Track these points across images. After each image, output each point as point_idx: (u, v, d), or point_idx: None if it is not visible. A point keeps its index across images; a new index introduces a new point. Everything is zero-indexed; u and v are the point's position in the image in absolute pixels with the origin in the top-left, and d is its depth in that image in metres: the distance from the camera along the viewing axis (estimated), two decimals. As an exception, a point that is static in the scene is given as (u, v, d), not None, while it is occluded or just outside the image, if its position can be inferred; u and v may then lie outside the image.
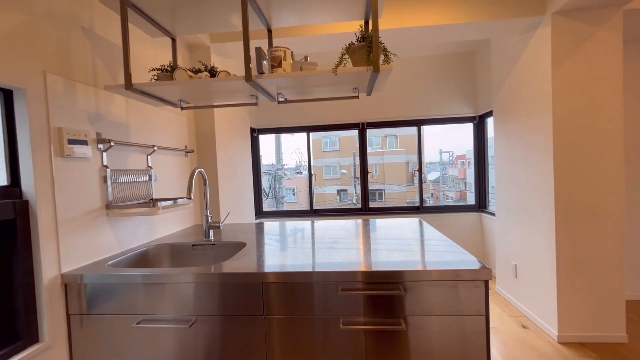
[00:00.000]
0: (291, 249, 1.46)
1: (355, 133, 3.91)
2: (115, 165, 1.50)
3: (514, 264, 2.76)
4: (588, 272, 2.19)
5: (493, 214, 3.34)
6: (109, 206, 1.44)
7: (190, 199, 1.47)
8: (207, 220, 1.70)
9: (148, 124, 1.76)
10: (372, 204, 3.89)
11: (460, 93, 3.71)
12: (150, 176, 1.73)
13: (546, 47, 2.20)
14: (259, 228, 2.00)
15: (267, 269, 1.17)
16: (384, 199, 8.90)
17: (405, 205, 3.93)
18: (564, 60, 2.15)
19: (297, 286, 1.14)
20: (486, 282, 1.09)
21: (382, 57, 1.25)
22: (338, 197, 9.49)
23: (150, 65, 1.78)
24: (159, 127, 1.87)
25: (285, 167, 7.89)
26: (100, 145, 1.40)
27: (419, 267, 1.12)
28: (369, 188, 3.91)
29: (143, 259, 1.56)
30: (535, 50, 2.33)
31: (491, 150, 3.54)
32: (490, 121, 3.57)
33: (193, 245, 1.66)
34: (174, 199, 1.68)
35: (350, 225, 1.96)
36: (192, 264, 1.65)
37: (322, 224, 2.05)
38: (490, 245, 3.51)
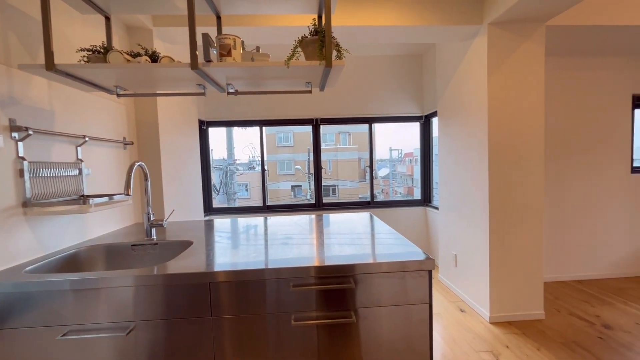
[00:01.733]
0: (242, 246, 1.41)
1: (309, 129, 3.92)
2: (36, 157, 1.31)
3: (454, 253, 2.99)
4: (514, 260, 2.45)
5: (437, 208, 3.59)
6: (27, 204, 1.25)
7: (128, 195, 1.35)
8: (149, 218, 1.57)
9: (78, 112, 1.57)
10: (325, 200, 3.94)
11: (408, 93, 3.90)
12: (80, 170, 1.55)
13: (483, 55, 2.40)
14: (208, 225, 1.90)
15: (215, 268, 1.11)
16: (337, 195, 9.08)
17: (358, 200, 4.04)
18: (498, 68, 2.36)
19: (248, 284, 1.11)
20: (430, 272, 1.16)
21: (334, 53, 1.25)
22: (292, 193, 9.47)
23: (79, 45, 1.58)
24: (92, 116, 1.67)
25: (238, 162, 7.63)
26: (15, 134, 1.21)
27: (369, 260, 1.15)
28: (323, 184, 3.95)
29: (72, 262, 1.40)
30: (474, 57, 2.53)
31: (436, 149, 3.79)
32: (435, 121, 3.81)
33: (132, 245, 1.52)
34: (110, 196, 1.53)
35: (304, 220, 1.96)
36: (131, 266, 1.51)
37: (275, 220, 2.02)
38: (434, 237, 3.77)
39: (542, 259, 2.46)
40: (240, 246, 1.41)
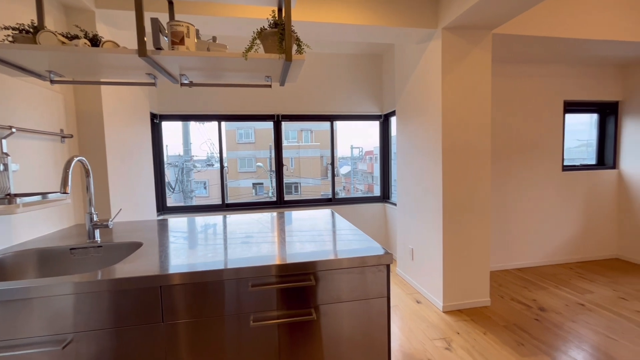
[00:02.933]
0: (199, 246, 1.34)
1: (270, 125, 3.85)
2: (-54, 150, 1.13)
3: (411, 248, 3.13)
4: (464, 252, 2.62)
5: (395, 204, 3.72)
6: None
7: (65, 193, 1.21)
8: (92, 219, 1.43)
9: (1, 99, 1.38)
10: (288, 197, 3.91)
11: (369, 92, 3.99)
12: (5, 165, 1.36)
13: (437, 58, 2.52)
14: (162, 225, 1.79)
15: (167, 270, 1.04)
16: (299, 192, 9.06)
17: (320, 197, 4.06)
18: (451, 71, 2.49)
19: (204, 286, 1.05)
20: (388, 266, 1.19)
21: (295, 47, 1.23)
22: (254, 191, 9.27)
23: (3, 22, 1.38)
24: (20, 104, 1.48)
25: (195, 158, 7.28)
26: None
27: (330, 257, 1.15)
28: (286, 181, 3.91)
29: (-5, 270, 1.23)
30: (430, 59, 2.64)
31: (395, 147, 3.92)
32: (394, 120, 3.94)
33: (71, 249, 1.37)
34: (43, 194, 1.36)
35: (265, 218, 1.91)
36: (70, 272, 1.37)
37: (235, 218, 1.95)
38: (393, 232, 3.91)
39: (489, 250, 2.66)
40: (196, 246, 1.33)
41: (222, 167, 3.74)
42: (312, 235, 1.48)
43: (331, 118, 3.96)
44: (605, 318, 2.44)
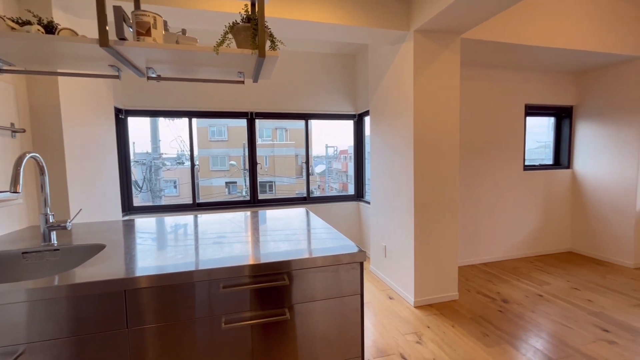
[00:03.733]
0: (168, 247, 1.28)
1: (244, 123, 3.77)
2: None
3: (384, 245, 3.19)
4: (435, 249, 2.71)
5: (369, 203, 3.78)
6: None
7: (16, 192, 1.11)
8: (47, 220, 1.33)
9: (-60, 88, 1.24)
10: (263, 196, 3.85)
11: (343, 92, 4.02)
12: (-55, 162, 1.23)
13: (409, 59, 2.58)
14: (127, 226, 1.69)
15: (132, 273, 0.99)
16: (274, 191, 8.97)
17: (294, 196, 4.04)
18: (422, 73, 2.57)
19: (174, 289, 1.01)
20: (361, 264, 1.20)
21: (268, 43, 1.21)
22: (227, 190, 9.06)
23: (-58, 4, 1.25)
24: (-37, 95, 1.34)
25: (164, 156, 6.98)
26: None
27: (304, 256, 1.14)
28: (260, 180, 3.85)
29: None
30: (402, 61, 2.70)
31: (368, 147, 3.98)
32: (367, 120, 3.99)
33: (24, 252, 1.27)
34: (-10, 194, 1.25)
35: (238, 218, 1.87)
36: (22, 278, 1.26)
37: (207, 218, 1.89)
38: (366, 230, 3.97)
39: (457, 246, 2.78)
40: (165, 247, 1.28)
41: (192, 165, 3.62)
42: (286, 234, 1.47)
43: (306, 117, 3.95)
44: (561, 307, 2.62)
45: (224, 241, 1.36)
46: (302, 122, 4.00)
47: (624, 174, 3.49)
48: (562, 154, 4.13)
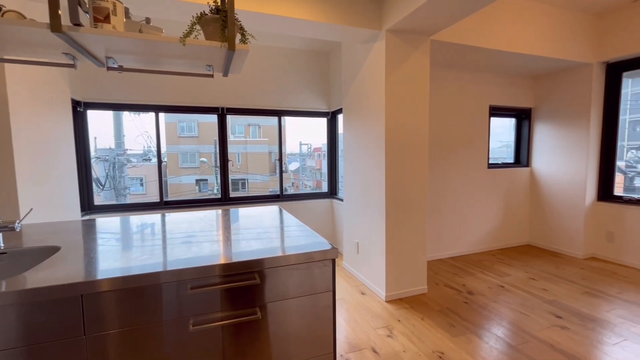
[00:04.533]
0: (133, 248, 1.21)
1: (215, 118, 3.66)
2: None
3: (356, 242, 3.23)
4: (405, 245, 2.79)
5: (342, 200, 3.82)
6: None
7: (-46, 191, 1.00)
8: (-8, 221, 1.21)
9: None
10: (235, 194, 3.77)
11: (317, 89, 4.01)
12: None
13: (381, 58, 2.62)
14: (87, 226, 1.59)
15: (92, 276, 0.92)
16: (247, 189, 8.81)
17: (268, 194, 3.99)
18: (394, 72, 2.62)
19: (136, 292, 0.96)
20: (333, 261, 1.21)
21: (238, 36, 1.17)
22: (197, 188, 8.77)
23: None
24: None
25: (129, 152, 6.63)
26: None
27: (277, 254, 1.13)
28: (233, 178, 3.76)
29: None
30: (374, 59, 2.74)
31: (342, 144, 4.01)
32: (341, 117, 4.02)
33: (-36, 257, 1.15)
34: None
35: (209, 216, 1.82)
36: (-38, 285, 1.14)
37: (175, 216, 1.82)
38: (340, 227, 4.00)
39: (426, 241, 2.87)
40: (129, 248, 1.21)
41: (160, 161, 3.46)
42: (258, 232, 1.44)
43: (279, 113, 3.90)
44: (520, 297, 2.79)
45: (193, 240, 1.31)
46: (275, 119, 3.96)
47: (575, 172, 3.78)
48: (522, 153, 4.39)
